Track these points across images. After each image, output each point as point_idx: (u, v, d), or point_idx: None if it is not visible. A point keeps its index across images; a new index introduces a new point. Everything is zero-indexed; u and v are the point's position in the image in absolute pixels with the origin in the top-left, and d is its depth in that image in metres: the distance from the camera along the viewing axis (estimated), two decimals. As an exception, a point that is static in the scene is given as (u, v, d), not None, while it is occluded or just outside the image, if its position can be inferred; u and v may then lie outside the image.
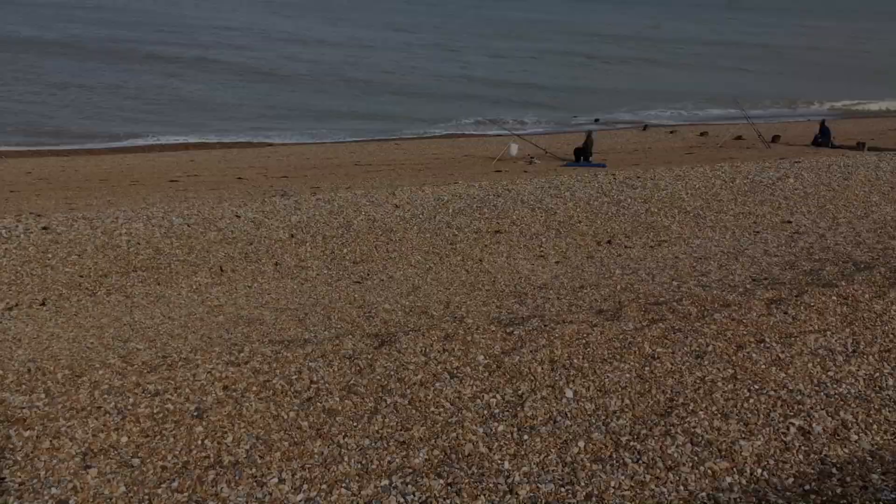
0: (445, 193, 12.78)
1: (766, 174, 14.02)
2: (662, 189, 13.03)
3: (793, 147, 22.90)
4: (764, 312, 5.88)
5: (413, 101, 35.75)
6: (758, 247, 9.54)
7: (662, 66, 50.82)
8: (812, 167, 14.63)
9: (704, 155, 21.08)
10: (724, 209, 11.80)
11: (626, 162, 20.25)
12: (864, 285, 6.50)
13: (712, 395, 4.65)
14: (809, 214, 11.30)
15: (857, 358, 5.11)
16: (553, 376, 4.90)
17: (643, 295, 7.16)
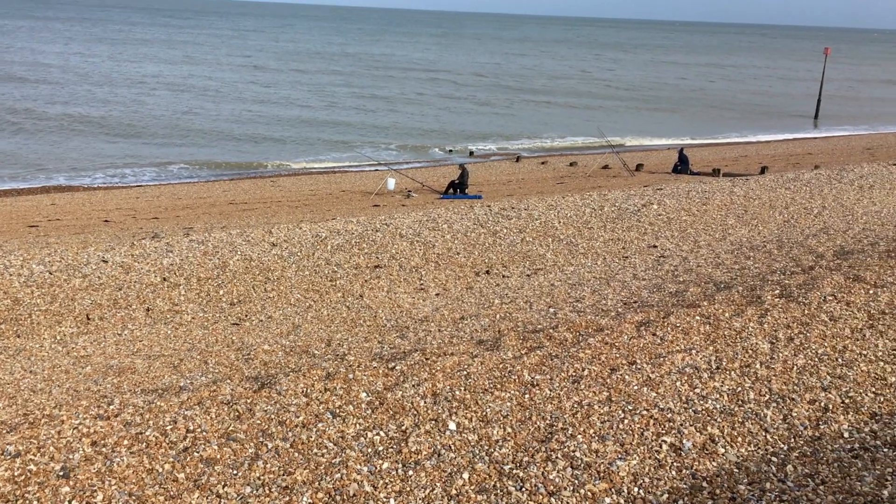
0: (324, 230, 12.69)
1: (631, 201, 14.68)
2: (536, 218, 13.42)
3: (655, 174, 24.10)
4: (634, 335, 6.13)
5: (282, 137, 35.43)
6: (627, 271, 9.95)
7: (530, 100, 52.54)
8: (673, 193, 15.44)
9: (574, 184, 21.87)
10: (594, 236, 12.26)
11: (501, 193, 20.74)
12: (724, 304, 6.89)
13: (589, 418, 4.79)
14: (673, 238, 11.89)
15: (721, 374, 5.39)
16: (436, 409, 4.92)
17: (521, 323, 7.32)
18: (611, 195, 15.65)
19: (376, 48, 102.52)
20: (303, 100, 46.84)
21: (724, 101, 54.94)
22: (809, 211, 13.24)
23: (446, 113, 44.40)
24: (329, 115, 41.67)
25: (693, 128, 39.98)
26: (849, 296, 6.98)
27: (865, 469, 4.25)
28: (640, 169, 25.62)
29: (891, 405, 4.99)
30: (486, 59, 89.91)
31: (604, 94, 55.96)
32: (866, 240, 10.14)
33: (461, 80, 64.15)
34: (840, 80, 69.50)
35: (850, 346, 5.89)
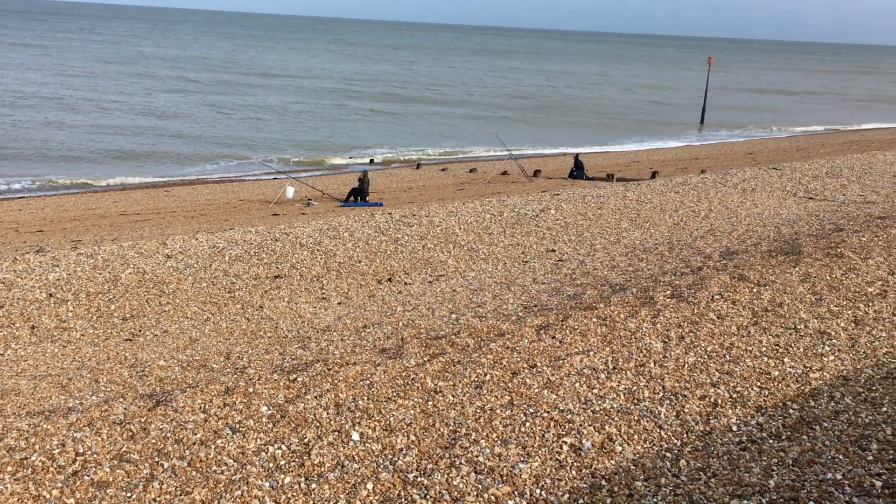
0: (221, 240, 12.39)
1: (530, 207, 14.96)
2: (437, 225, 13.49)
3: (552, 180, 24.63)
4: (535, 338, 6.24)
5: (173, 144, 34.41)
6: (527, 275, 10.12)
7: (428, 109, 52.86)
8: (570, 198, 15.82)
9: (474, 190, 22.11)
10: (494, 242, 12.42)
11: (402, 200, 20.75)
12: (619, 306, 7.10)
13: (492, 422, 4.84)
14: (570, 242, 12.17)
15: (617, 374, 5.55)
16: (339, 420, 4.87)
17: (424, 330, 7.34)
18: (510, 201, 15.90)
19: (270, 55, 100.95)
20: (190, 109, 45.58)
21: (614, 109, 56.70)
22: (697, 213, 13.80)
23: (344, 121, 44.14)
24: (221, 124, 40.72)
25: (586, 137, 41.06)
26: (734, 294, 7.31)
27: (753, 460, 4.46)
28: (538, 175, 26.14)
29: (775, 398, 5.25)
30: (382, 67, 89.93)
31: (499, 104, 56.80)
32: (750, 240, 10.65)
33: (357, 87, 63.93)
34: (722, 89, 72.85)
35: (736, 343, 6.17)
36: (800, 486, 4.19)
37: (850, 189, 15.68)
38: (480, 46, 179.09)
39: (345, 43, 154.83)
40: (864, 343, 6.21)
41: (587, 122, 47.59)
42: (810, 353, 6.00)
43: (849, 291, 7.42)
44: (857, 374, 5.63)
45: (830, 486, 4.19)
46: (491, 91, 66.15)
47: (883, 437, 4.72)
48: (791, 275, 7.93)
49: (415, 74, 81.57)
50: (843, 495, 4.09)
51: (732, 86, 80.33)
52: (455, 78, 78.33)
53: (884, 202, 13.56)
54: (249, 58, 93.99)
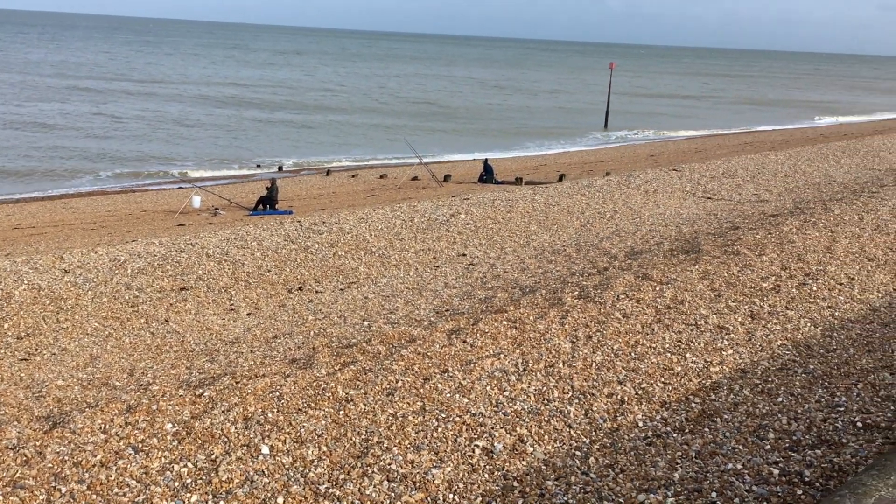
0: (123, 253, 11.97)
1: (440, 212, 15.02)
2: (348, 232, 13.39)
3: (462, 185, 24.82)
4: (446, 343, 6.26)
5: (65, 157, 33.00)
6: (439, 280, 10.16)
7: (340, 116, 52.53)
8: (480, 203, 15.97)
9: (385, 196, 22.07)
10: (406, 247, 12.41)
11: (311, 207, 20.53)
12: (528, 308, 7.20)
13: (404, 429, 4.83)
14: (481, 246, 12.29)
15: (528, 376, 5.62)
16: (247, 434, 4.76)
17: (336, 338, 7.26)
18: (420, 206, 15.93)
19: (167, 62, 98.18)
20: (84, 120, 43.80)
21: (521, 113, 57.57)
22: (603, 215, 14.14)
23: (248, 130, 43.31)
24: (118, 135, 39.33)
25: (494, 142, 41.52)
26: (639, 293, 7.52)
27: (658, 455, 4.58)
28: (449, 179, 26.30)
29: (678, 393, 5.42)
30: (286, 74, 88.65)
31: (407, 111, 56.86)
32: (653, 240, 10.98)
33: (261, 95, 62.88)
34: (624, 93, 74.94)
35: (641, 341, 6.34)
36: (703, 477, 4.33)
37: (745, 188, 16.36)
38: (386, 52, 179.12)
39: (246, 49, 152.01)
40: (759, 336, 6.48)
41: (494, 127, 48.13)
42: (710, 348, 6.22)
43: (745, 287, 7.73)
44: (754, 366, 5.87)
45: (731, 476, 4.34)
46: (398, 98, 66.18)
47: (779, 426, 4.92)
48: (691, 273, 8.21)
49: (319, 81, 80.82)
50: (742, 484, 4.25)
51: (633, 90, 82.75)
52: (361, 84, 77.96)
53: (776, 200, 14.20)
54: (145, 64, 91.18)
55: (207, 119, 46.39)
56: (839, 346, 6.27)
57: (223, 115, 48.67)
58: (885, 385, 5.50)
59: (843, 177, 17.33)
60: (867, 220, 10.62)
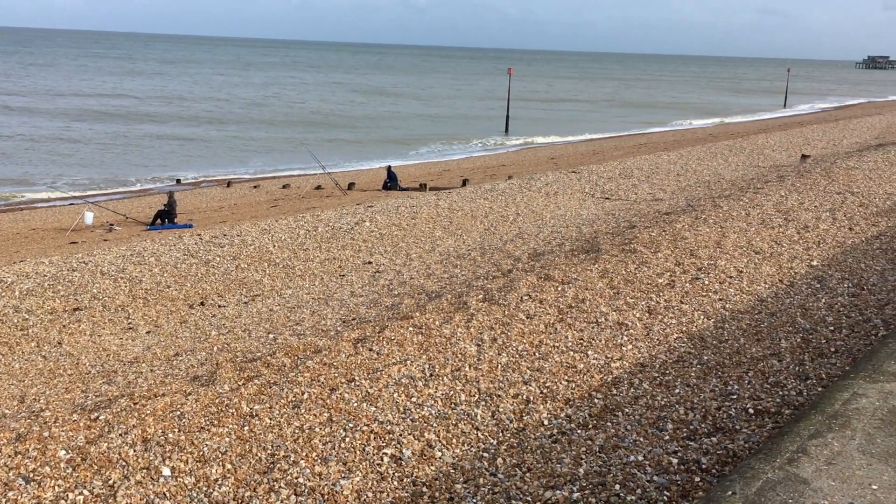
0: (9, 274, 11.39)
1: (345, 220, 14.93)
2: (250, 244, 13.14)
3: (367, 192, 24.73)
4: (352, 352, 6.22)
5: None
6: (345, 289, 10.08)
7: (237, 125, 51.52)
8: (384, 210, 15.95)
9: (288, 207, 21.77)
10: (310, 257, 12.27)
11: (212, 220, 20.04)
12: (434, 313, 7.22)
13: (311, 441, 4.77)
14: (386, 253, 12.27)
15: (434, 381, 5.64)
16: (147, 457, 4.61)
17: (240, 353, 7.11)
18: (324, 215, 15.79)
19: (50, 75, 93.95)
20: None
21: (423, 119, 57.83)
22: (506, 218, 14.34)
23: (145, 142, 41.93)
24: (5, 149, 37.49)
25: (397, 148, 41.56)
26: (542, 294, 7.66)
27: (564, 451, 4.68)
28: (353, 188, 26.15)
29: (581, 390, 5.55)
30: (179, 85, 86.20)
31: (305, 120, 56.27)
32: (554, 241, 11.21)
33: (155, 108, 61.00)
34: (522, 99, 76.31)
35: (544, 341, 6.46)
36: (606, 471, 4.45)
37: (640, 188, 16.90)
38: (282, 60, 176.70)
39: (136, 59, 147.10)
40: (657, 331, 6.70)
41: (397, 135, 48.17)
42: (611, 344, 6.39)
43: (642, 284, 7.99)
44: (652, 360, 6.06)
45: (633, 467, 4.47)
46: (298, 107, 65.33)
47: (677, 416, 5.11)
48: (591, 272, 8.41)
49: (214, 91, 79.02)
50: (644, 475, 4.39)
51: (532, 95, 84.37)
52: (258, 94, 76.53)
53: (670, 199, 14.73)
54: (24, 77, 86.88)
55: (97, 133, 44.64)
56: (731, 336, 6.54)
57: (114, 128, 46.92)
58: (774, 372, 5.78)
59: (731, 174, 18.13)
60: (753, 215, 11.14)
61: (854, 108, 64.76)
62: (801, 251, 9.21)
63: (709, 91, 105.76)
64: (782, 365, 5.90)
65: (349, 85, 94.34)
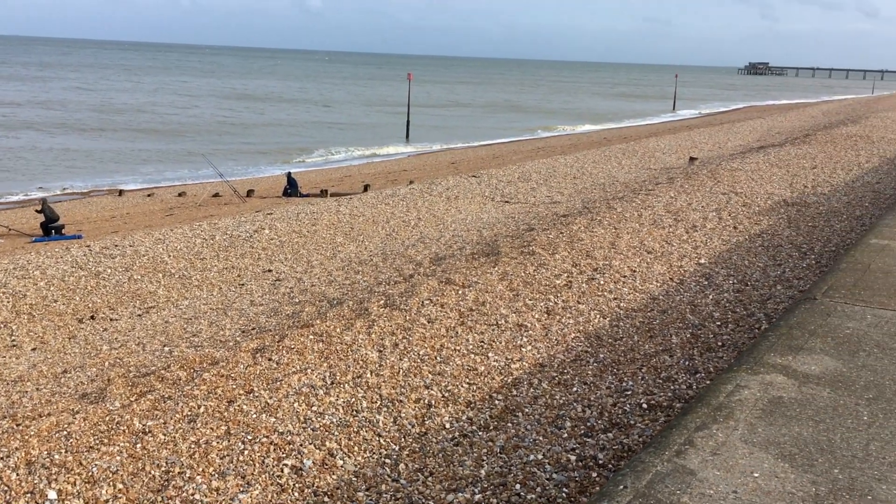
0: None
1: (243, 228, 14.62)
2: (144, 254, 12.71)
3: (267, 199, 24.29)
4: (251, 363, 6.09)
5: None
6: (244, 298, 9.87)
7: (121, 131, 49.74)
8: (284, 217, 15.71)
9: (185, 215, 21.15)
10: (208, 267, 11.96)
11: (104, 230, 19.26)
12: (335, 320, 7.16)
13: (208, 456, 4.64)
14: (287, 261, 12.08)
15: (336, 388, 5.59)
16: (31, 480, 4.38)
17: (133, 368, 6.87)
18: (222, 223, 15.42)
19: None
20: None
21: (326, 125, 57.30)
22: (407, 223, 14.37)
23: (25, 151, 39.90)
24: None
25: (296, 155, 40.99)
26: (443, 298, 7.70)
27: (465, 454, 4.71)
28: (252, 195, 25.64)
29: (482, 392, 5.60)
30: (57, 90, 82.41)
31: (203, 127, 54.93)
32: (455, 245, 11.30)
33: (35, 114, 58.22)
34: (423, 105, 76.65)
35: (446, 345, 6.50)
36: (507, 471, 4.51)
37: (539, 191, 17.24)
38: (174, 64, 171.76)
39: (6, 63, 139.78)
40: (555, 331, 6.84)
41: (296, 141, 47.50)
42: (511, 346, 6.49)
43: (540, 285, 8.14)
44: (551, 359, 6.19)
45: (533, 466, 4.55)
46: (190, 112, 63.52)
47: (575, 414, 5.23)
48: (492, 274, 8.52)
49: (99, 96, 76.05)
50: (544, 473, 4.47)
51: (431, 100, 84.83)
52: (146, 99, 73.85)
53: (567, 201, 15.08)
54: None
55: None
56: (625, 334, 6.75)
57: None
58: (665, 367, 6.00)
59: (625, 177, 18.72)
60: (645, 216, 11.53)
61: (737, 112, 67.96)
62: (689, 250, 9.59)
63: (602, 96, 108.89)
64: (673, 360, 6.12)
65: (243, 90, 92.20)
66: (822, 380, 4.59)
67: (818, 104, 69.49)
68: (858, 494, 3.35)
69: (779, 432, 3.90)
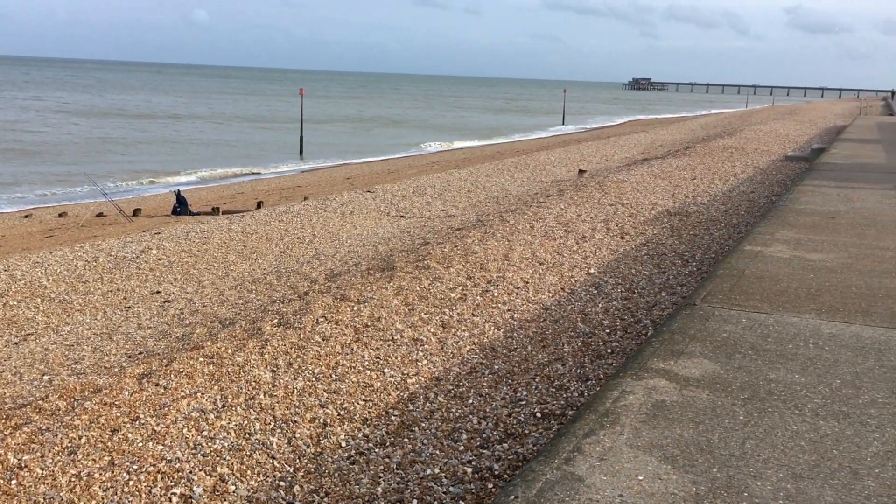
0: None
1: (129, 248, 14.09)
2: (20, 279, 12.06)
3: (154, 218, 23.51)
4: (136, 389, 5.87)
5: None
6: (131, 322, 9.51)
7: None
8: (173, 236, 15.23)
9: (66, 237, 20.21)
10: (91, 290, 11.46)
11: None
12: (227, 341, 6.99)
13: (90, 489, 4.43)
14: (177, 282, 11.71)
15: (227, 411, 5.45)
16: None
17: (9, 399, 6.49)
18: (105, 244, 14.81)
19: None
20: None
21: (212, 140, 55.98)
22: (302, 240, 14.19)
23: None
24: None
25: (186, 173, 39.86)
26: (338, 315, 7.64)
27: (362, 472, 4.68)
28: (139, 214, 24.73)
29: (378, 408, 5.58)
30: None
31: (74, 144, 52.76)
32: (351, 261, 11.24)
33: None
34: (316, 121, 76.06)
35: (341, 362, 6.44)
36: (404, 487, 4.50)
37: (434, 205, 17.37)
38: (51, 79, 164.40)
39: None
40: (451, 344, 6.89)
41: (185, 157, 46.22)
42: (407, 361, 6.49)
43: (436, 299, 8.19)
44: (446, 373, 6.23)
45: (430, 481, 4.56)
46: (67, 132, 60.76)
47: (471, 426, 5.27)
48: (387, 289, 8.51)
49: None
50: (440, 487, 4.48)
51: (324, 116, 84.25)
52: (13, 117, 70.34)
53: (461, 215, 15.25)
54: None
55: None
56: (519, 344, 6.87)
57: None
58: (558, 376, 6.14)
59: (517, 189, 19.09)
60: (537, 227, 11.79)
61: (623, 126, 70.53)
62: (580, 260, 9.86)
63: (495, 111, 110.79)
64: (566, 368, 6.27)
65: (125, 106, 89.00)
66: (701, 382, 4.80)
67: (697, 118, 72.97)
68: (735, 492, 3.51)
69: (661, 435, 4.05)
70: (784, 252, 8.61)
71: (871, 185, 14.66)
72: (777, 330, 5.87)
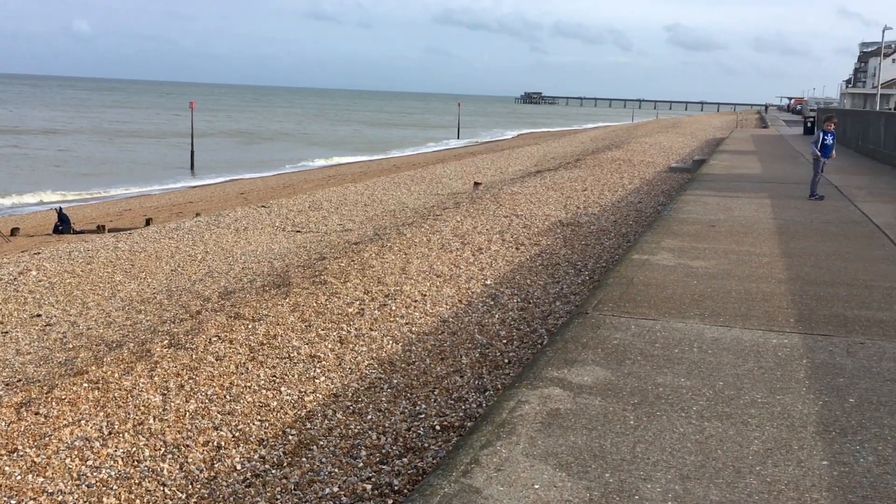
0: None
1: (6, 270, 13.33)
2: None
3: (35, 238, 22.36)
4: (14, 419, 5.55)
5: None
6: (9, 348, 8.98)
7: None
8: (55, 256, 14.51)
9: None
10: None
11: None
12: (113, 365, 6.70)
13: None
14: (59, 304, 11.15)
15: (114, 438, 5.22)
16: None
17: None
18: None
19: None
20: None
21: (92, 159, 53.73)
22: (194, 258, 13.78)
23: None
24: None
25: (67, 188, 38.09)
26: (231, 334, 7.46)
27: (258, 494, 4.57)
28: (17, 233, 23.45)
29: (275, 428, 5.47)
30: None
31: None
32: (246, 278, 10.99)
33: None
34: (207, 135, 74.26)
35: (236, 382, 6.29)
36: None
37: (330, 220, 17.21)
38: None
39: None
40: (349, 360, 6.83)
41: (65, 171, 44.20)
42: (304, 378, 6.40)
43: (333, 314, 8.11)
44: (345, 389, 6.17)
45: (329, 500, 4.50)
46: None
47: (370, 442, 5.24)
48: (283, 306, 8.37)
49: None
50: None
51: (215, 129, 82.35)
52: None
53: (358, 229, 15.18)
54: None
55: None
56: (417, 358, 6.88)
57: None
58: (457, 388, 6.18)
59: (414, 202, 19.16)
60: (434, 240, 11.86)
61: (517, 139, 71.98)
62: (476, 272, 9.97)
63: (390, 125, 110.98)
64: (464, 380, 6.32)
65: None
66: (593, 389, 4.93)
67: (586, 131, 75.27)
68: (627, 495, 3.62)
69: (556, 443, 4.14)
70: (669, 260, 8.96)
71: (748, 194, 15.48)
72: (664, 336, 6.10)
